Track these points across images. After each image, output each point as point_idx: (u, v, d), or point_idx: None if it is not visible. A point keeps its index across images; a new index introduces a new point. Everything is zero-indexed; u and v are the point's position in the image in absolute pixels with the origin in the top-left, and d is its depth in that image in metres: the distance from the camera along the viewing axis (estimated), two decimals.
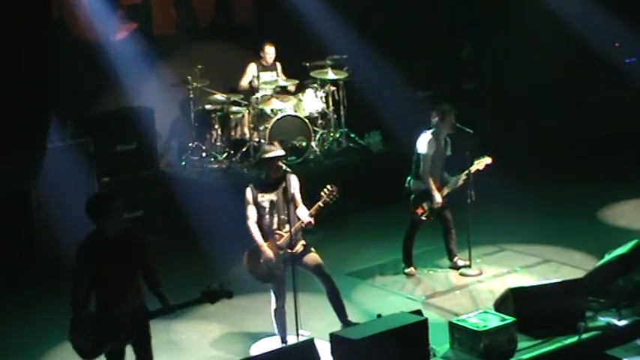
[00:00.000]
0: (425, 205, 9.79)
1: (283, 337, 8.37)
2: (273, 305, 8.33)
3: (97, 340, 6.94)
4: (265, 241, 8.21)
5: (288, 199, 8.19)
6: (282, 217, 8.26)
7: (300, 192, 8.50)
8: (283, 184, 8.23)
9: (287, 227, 8.20)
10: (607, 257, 9.21)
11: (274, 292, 8.32)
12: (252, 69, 12.41)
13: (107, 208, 7.04)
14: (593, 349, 8.31)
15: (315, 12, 13.03)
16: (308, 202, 8.35)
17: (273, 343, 8.44)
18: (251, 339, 8.64)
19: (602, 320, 8.60)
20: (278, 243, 8.21)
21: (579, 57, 13.65)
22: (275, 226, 8.27)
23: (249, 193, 8.30)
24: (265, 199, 8.28)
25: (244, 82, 12.47)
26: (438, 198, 9.72)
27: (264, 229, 8.29)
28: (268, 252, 8.23)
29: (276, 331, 8.36)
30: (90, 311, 6.98)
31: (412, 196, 9.82)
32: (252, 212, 8.26)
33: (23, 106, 10.00)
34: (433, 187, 9.72)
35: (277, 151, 8.34)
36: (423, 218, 9.84)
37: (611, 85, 13.90)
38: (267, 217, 8.27)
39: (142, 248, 7.09)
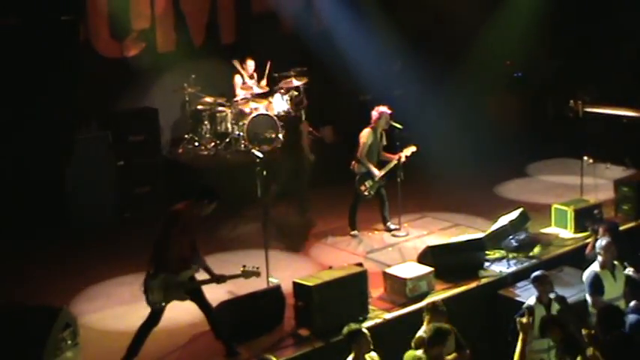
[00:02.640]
0: (367, 184, 9.80)
1: None
2: None
3: (165, 295, 6.97)
4: None
5: None
6: None
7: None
8: None
9: None
10: (499, 221, 9.36)
11: None
12: (238, 79, 12.23)
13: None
14: (489, 290, 8.47)
15: (283, 34, 13.07)
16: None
17: None
18: None
19: (496, 268, 8.78)
20: None
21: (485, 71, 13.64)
22: None
23: None
24: None
25: (237, 89, 12.23)
26: (377, 173, 9.76)
27: None
28: None
29: None
30: (163, 273, 6.93)
31: (357, 177, 9.82)
32: None
33: (58, 108, 10.05)
34: (371, 166, 9.74)
35: None
36: (365, 194, 9.84)
37: (505, 92, 13.97)
38: None
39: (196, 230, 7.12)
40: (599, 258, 7.68)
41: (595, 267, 7.68)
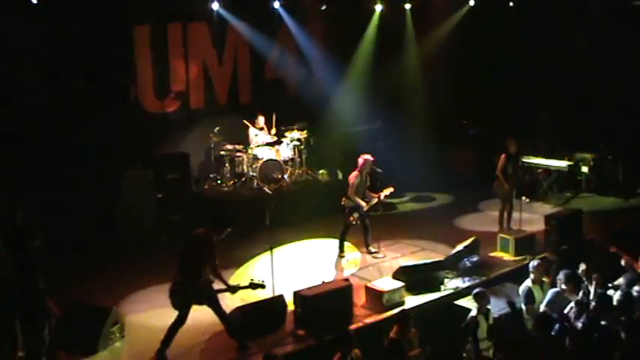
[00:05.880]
0: (354, 215, 9.78)
1: None
2: None
3: (187, 301, 7.08)
4: None
5: None
6: None
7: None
8: None
9: None
10: (456, 247, 9.46)
11: None
12: (251, 130, 12.31)
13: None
14: (448, 301, 8.54)
15: (289, 96, 13.21)
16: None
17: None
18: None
19: (453, 284, 8.86)
20: None
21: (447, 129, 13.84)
22: None
23: None
24: None
25: (251, 138, 12.27)
26: (364, 205, 9.69)
27: None
28: None
29: None
30: (184, 283, 6.99)
31: (346, 210, 9.79)
32: None
33: (112, 152, 10.23)
34: (359, 200, 9.70)
35: None
36: (353, 223, 9.83)
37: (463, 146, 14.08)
38: None
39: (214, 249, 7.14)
40: (532, 275, 7.88)
41: (528, 282, 7.90)
